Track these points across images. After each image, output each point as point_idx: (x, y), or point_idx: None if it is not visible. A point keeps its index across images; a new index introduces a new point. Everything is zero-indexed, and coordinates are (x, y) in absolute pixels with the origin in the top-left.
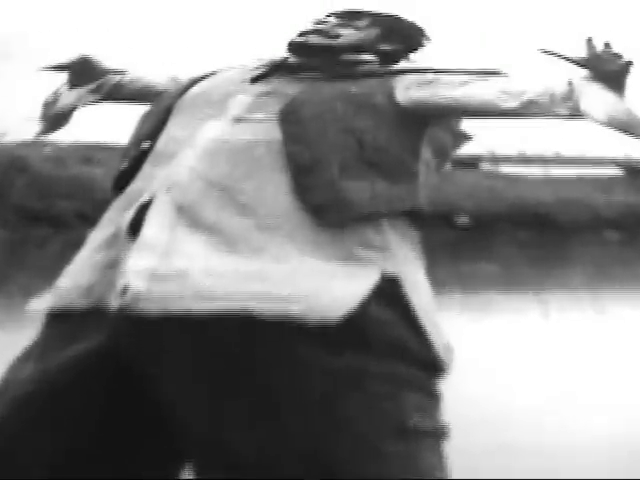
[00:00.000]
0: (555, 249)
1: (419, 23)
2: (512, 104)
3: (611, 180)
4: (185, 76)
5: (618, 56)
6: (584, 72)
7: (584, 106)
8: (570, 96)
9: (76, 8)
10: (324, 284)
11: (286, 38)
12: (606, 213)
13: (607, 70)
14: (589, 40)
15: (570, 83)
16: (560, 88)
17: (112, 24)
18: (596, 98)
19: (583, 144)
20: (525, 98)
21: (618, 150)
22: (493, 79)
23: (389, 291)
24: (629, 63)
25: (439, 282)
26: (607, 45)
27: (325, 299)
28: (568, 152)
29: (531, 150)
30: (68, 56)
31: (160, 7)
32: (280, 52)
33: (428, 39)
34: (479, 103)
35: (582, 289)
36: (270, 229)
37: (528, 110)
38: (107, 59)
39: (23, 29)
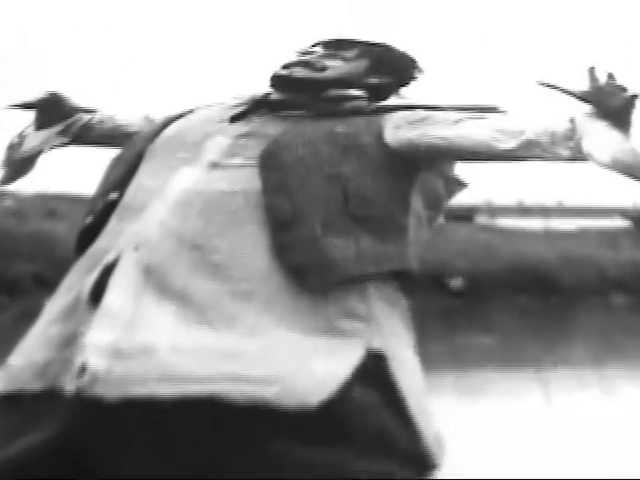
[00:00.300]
0: (557, 316)
1: (411, 49)
2: (509, 145)
3: (618, 233)
4: (168, 108)
5: (622, 89)
6: (586, 107)
7: (587, 147)
8: (572, 135)
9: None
10: (302, 363)
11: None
12: (613, 273)
13: (611, 105)
14: (591, 70)
15: (572, 121)
16: (561, 126)
17: (112, 24)
18: (600, 137)
19: (586, 192)
20: (523, 138)
21: (624, 198)
22: (489, 116)
23: (374, 370)
24: (634, 97)
25: (430, 358)
26: (610, 76)
27: (303, 381)
28: (570, 201)
29: (530, 199)
30: (35, 94)
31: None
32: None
33: (420, 71)
34: (474, 144)
35: (588, 365)
36: (245, 296)
37: (526, 151)
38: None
39: None
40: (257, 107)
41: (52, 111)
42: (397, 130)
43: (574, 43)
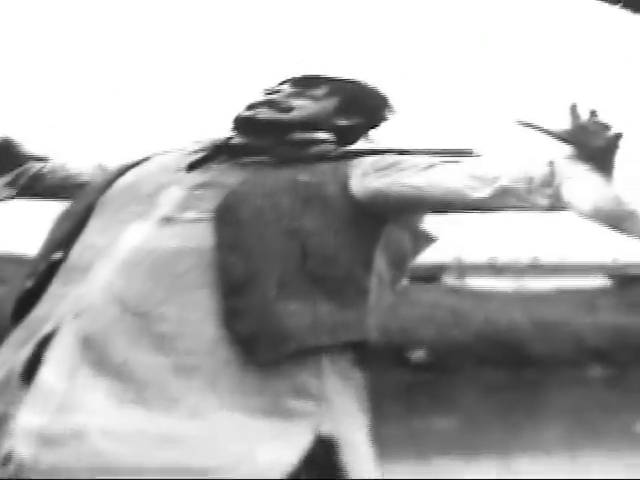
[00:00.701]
0: (528, 393)
1: (384, 91)
2: (483, 193)
3: (597, 293)
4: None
5: (606, 127)
6: (567, 149)
7: (567, 194)
8: (551, 181)
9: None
10: (246, 450)
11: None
12: (591, 341)
13: (593, 146)
14: (573, 108)
15: (551, 164)
16: (540, 171)
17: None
18: (581, 183)
19: (563, 247)
20: (498, 185)
21: (604, 253)
22: (463, 161)
23: (323, 458)
24: (618, 136)
25: (385, 442)
26: (593, 114)
27: (246, 472)
28: (547, 257)
29: (504, 256)
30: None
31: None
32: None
33: (392, 111)
34: (446, 192)
35: (560, 449)
36: (188, 371)
37: (501, 201)
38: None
39: None
40: (217, 153)
41: (0, 159)
42: (364, 178)
43: (574, 42)
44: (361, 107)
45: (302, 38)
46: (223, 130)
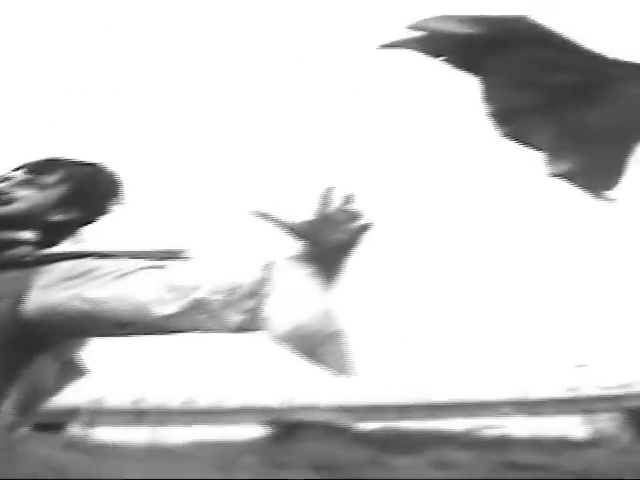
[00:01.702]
0: None
1: (117, 181)
2: (170, 309)
3: (243, 449)
4: None
5: (355, 217)
6: (299, 244)
7: (269, 308)
8: (258, 290)
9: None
10: None
11: None
12: None
13: (329, 242)
14: (327, 192)
15: (267, 268)
16: (250, 278)
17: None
18: (290, 296)
19: (220, 388)
20: (192, 297)
21: (277, 395)
22: (167, 265)
23: None
24: (365, 227)
25: None
26: (347, 200)
27: None
28: (205, 399)
29: (151, 399)
30: None
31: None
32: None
33: (120, 202)
34: (130, 308)
35: None
36: None
37: (189, 319)
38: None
39: None
40: None
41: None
42: (45, 291)
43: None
44: (88, 196)
45: (302, 36)
46: (223, 130)
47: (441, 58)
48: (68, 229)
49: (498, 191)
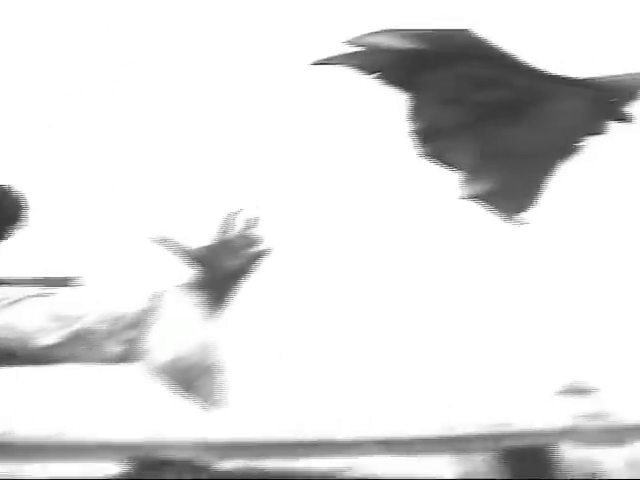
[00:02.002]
0: None
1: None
2: (51, 339)
3: None
4: None
5: (254, 242)
6: (194, 270)
7: (152, 337)
8: (142, 321)
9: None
10: None
11: None
12: None
13: (223, 269)
14: (230, 217)
15: (155, 298)
16: (136, 307)
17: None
18: (173, 326)
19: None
20: (74, 328)
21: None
22: (57, 294)
23: None
24: (261, 253)
25: None
26: (253, 221)
27: None
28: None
29: None
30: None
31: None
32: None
33: (22, 227)
34: (15, 337)
35: None
36: None
37: (70, 349)
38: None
39: None
40: None
41: None
42: None
43: (575, 43)
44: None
45: (301, 36)
46: (223, 130)
47: (375, 75)
48: None
49: (411, 215)
